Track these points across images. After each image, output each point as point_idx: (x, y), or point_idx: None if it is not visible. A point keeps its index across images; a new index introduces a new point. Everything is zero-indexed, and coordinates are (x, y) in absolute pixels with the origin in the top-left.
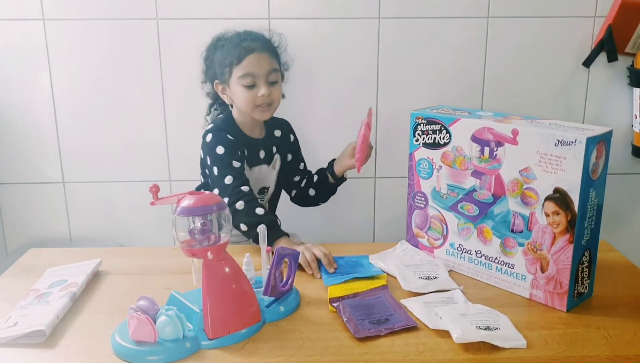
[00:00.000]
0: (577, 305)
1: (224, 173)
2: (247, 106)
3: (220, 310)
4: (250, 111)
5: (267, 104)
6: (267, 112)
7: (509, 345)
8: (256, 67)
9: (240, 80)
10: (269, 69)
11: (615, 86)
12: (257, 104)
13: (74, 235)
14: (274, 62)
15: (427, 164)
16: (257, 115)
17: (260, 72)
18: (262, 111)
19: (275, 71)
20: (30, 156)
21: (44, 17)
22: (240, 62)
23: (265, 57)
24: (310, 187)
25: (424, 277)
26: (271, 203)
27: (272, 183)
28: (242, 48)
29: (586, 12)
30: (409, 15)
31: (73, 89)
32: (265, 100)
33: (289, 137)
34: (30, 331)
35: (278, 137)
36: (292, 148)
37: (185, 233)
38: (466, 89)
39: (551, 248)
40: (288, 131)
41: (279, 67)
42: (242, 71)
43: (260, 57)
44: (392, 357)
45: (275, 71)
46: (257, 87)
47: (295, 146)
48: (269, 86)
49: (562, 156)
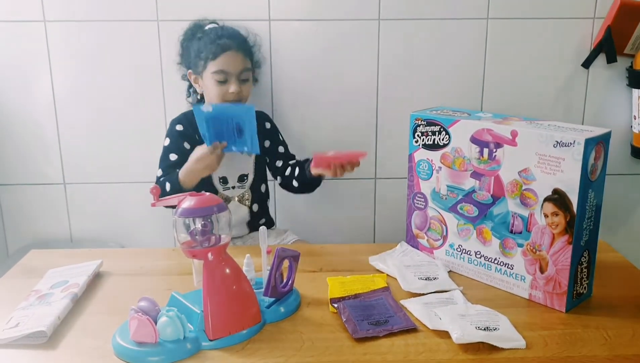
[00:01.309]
0: (576, 306)
1: (159, 164)
2: (217, 100)
3: (221, 311)
4: None
5: (236, 100)
6: None
7: (508, 345)
8: (230, 65)
9: (213, 75)
10: (242, 68)
11: (614, 87)
12: (227, 99)
13: (75, 236)
14: (247, 61)
15: (427, 165)
16: None
17: (233, 70)
18: None
19: (248, 70)
20: (31, 158)
21: (45, 19)
22: (215, 58)
23: (239, 56)
24: (293, 178)
25: (423, 278)
26: (254, 192)
27: (251, 170)
28: (218, 45)
29: (585, 14)
30: (409, 16)
31: (74, 91)
32: (234, 96)
33: (264, 125)
34: (32, 332)
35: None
36: (269, 135)
37: (186, 234)
38: (466, 91)
39: (550, 249)
40: (262, 119)
41: (251, 66)
42: (216, 67)
43: (234, 55)
44: (392, 357)
45: (247, 70)
46: (228, 83)
47: (271, 133)
48: (239, 83)
49: (561, 157)
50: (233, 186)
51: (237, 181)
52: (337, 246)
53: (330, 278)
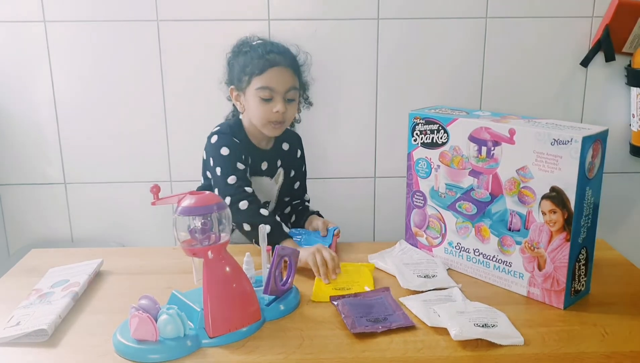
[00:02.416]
0: (574, 303)
1: (228, 173)
2: (259, 120)
3: (221, 309)
4: (261, 125)
5: (280, 121)
6: (279, 129)
7: (507, 342)
8: (277, 81)
9: (258, 91)
10: (289, 86)
11: (612, 85)
12: (271, 119)
13: (76, 235)
14: (295, 80)
15: (426, 163)
16: (267, 130)
17: (279, 87)
18: (273, 128)
19: (295, 89)
20: (31, 157)
21: (45, 19)
22: (262, 74)
23: (288, 73)
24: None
25: (422, 275)
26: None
27: (274, 198)
28: (266, 60)
29: (583, 12)
30: (408, 16)
31: (74, 91)
32: (279, 117)
33: (296, 152)
34: (33, 330)
35: (285, 150)
36: (297, 164)
37: (186, 232)
38: (465, 89)
39: (548, 246)
40: (296, 145)
41: (298, 86)
42: (262, 83)
43: (283, 72)
44: (390, 354)
45: (294, 89)
46: (273, 101)
47: (300, 162)
48: (285, 102)
49: (559, 155)
50: None
51: None
52: (337, 245)
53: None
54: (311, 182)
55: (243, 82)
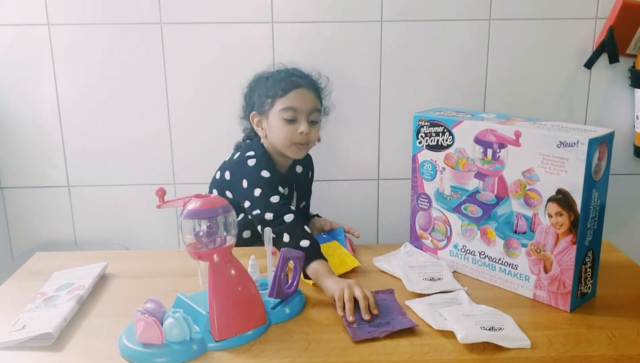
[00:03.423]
0: (581, 306)
1: (270, 193)
2: (283, 142)
3: (227, 312)
4: (285, 148)
5: (304, 142)
6: (303, 151)
7: (514, 345)
8: (300, 102)
9: (282, 113)
10: (313, 107)
11: (616, 87)
12: (295, 141)
13: (80, 238)
14: (318, 102)
15: (431, 166)
16: (291, 152)
17: (303, 107)
18: (298, 149)
19: (317, 111)
20: (35, 160)
21: (49, 22)
22: (285, 95)
23: (310, 95)
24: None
25: (428, 278)
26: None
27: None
28: (289, 81)
29: (587, 14)
30: (412, 18)
31: (78, 94)
32: (303, 138)
33: (308, 173)
34: (38, 334)
35: (299, 173)
36: (307, 185)
37: (192, 235)
38: (468, 91)
39: (554, 249)
40: (309, 167)
41: (320, 108)
42: (286, 104)
43: (306, 93)
44: (397, 357)
45: (317, 111)
46: (297, 122)
47: (309, 182)
48: (309, 124)
49: (565, 158)
50: None
51: None
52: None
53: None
54: (315, 184)
55: (266, 105)
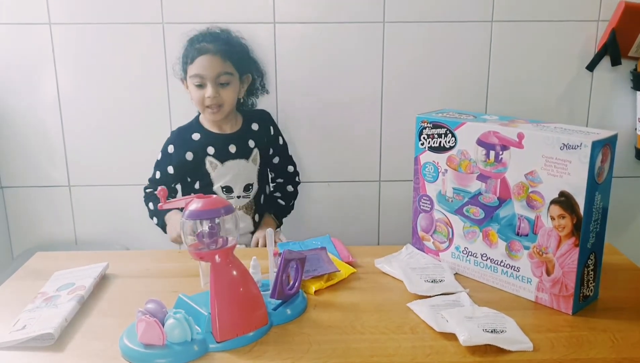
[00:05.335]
0: (583, 308)
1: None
2: (198, 106)
3: (228, 313)
4: (202, 111)
5: (216, 105)
6: (217, 113)
7: (516, 347)
8: (206, 68)
9: (191, 79)
10: (219, 71)
11: (618, 89)
12: (206, 104)
13: (80, 238)
14: (227, 65)
15: (433, 167)
16: (207, 115)
17: (209, 74)
18: (212, 113)
19: (227, 73)
20: (36, 160)
21: (50, 22)
22: (193, 62)
23: (216, 59)
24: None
25: (429, 280)
26: (257, 202)
27: (255, 180)
28: (195, 49)
29: (589, 16)
30: (414, 19)
31: (79, 93)
32: (212, 101)
33: (269, 129)
34: (39, 334)
35: (256, 130)
36: (272, 140)
37: (193, 236)
38: (470, 93)
39: (557, 251)
40: (267, 122)
41: (233, 71)
42: (193, 71)
43: (211, 59)
44: (399, 359)
45: (226, 74)
46: (205, 87)
47: (274, 138)
48: (217, 87)
49: (568, 160)
50: (238, 195)
51: (243, 191)
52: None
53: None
54: (316, 185)
55: (183, 71)
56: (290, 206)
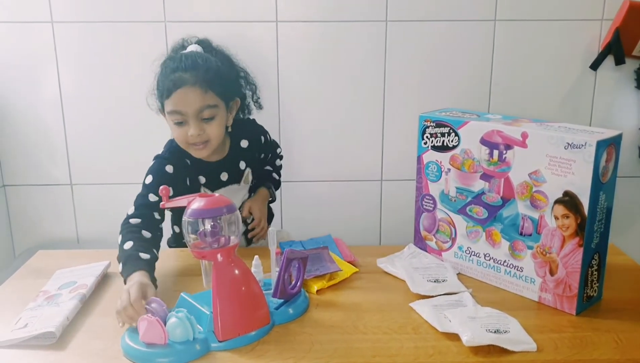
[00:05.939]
0: (587, 309)
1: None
2: (181, 144)
3: (230, 312)
4: (185, 148)
5: (201, 142)
6: (204, 150)
7: (519, 348)
8: (184, 104)
9: (169, 116)
10: (201, 105)
11: (622, 89)
12: (190, 142)
13: (82, 237)
14: (209, 96)
15: (436, 167)
16: (193, 152)
17: (188, 109)
18: (197, 149)
19: (211, 107)
20: (38, 158)
21: (53, 20)
22: (169, 97)
23: (195, 92)
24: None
25: (432, 280)
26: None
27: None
28: (170, 81)
29: (593, 15)
30: (416, 18)
31: (81, 92)
32: (197, 139)
33: (260, 140)
34: (41, 332)
35: (245, 148)
36: (264, 149)
37: (195, 235)
38: (473, 92)
39: (560, 251)
40: (257, 134)
41: (217, 101)
42: (170, 107)
43: (189, 92)
44: (401, 359)
45: (209, 108)
46: (186, 125)
47: (265, 146)
48: (200, 123)
49: (572, 159)
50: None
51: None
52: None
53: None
54: (318, 184)
55: (159, 105)
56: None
